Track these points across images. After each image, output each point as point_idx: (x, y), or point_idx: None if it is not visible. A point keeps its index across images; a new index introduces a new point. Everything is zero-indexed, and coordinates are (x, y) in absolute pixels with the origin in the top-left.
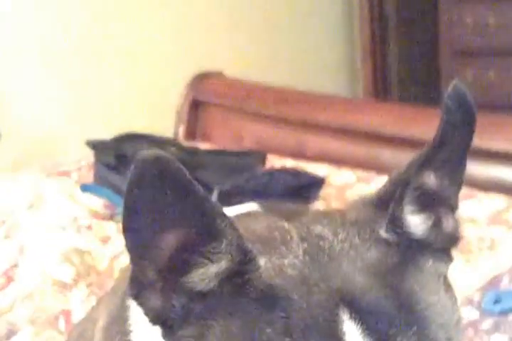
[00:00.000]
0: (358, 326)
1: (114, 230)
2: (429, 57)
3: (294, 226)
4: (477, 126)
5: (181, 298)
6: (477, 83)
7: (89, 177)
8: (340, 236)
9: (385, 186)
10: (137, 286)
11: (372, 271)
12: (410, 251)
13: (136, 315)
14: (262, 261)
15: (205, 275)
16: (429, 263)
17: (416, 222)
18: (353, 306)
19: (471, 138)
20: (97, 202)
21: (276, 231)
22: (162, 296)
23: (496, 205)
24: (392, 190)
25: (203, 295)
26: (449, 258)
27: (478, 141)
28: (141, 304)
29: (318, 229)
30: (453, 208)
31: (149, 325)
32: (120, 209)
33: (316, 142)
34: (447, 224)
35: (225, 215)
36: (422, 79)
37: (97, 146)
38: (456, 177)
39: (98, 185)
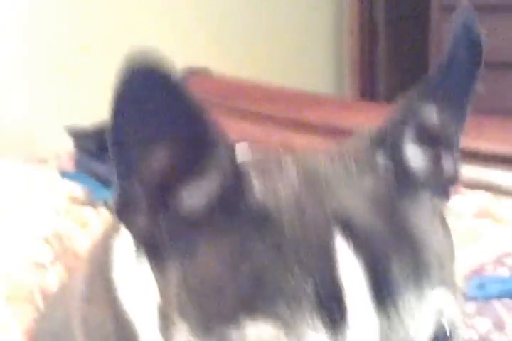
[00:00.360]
0: (351, 245)
1: (94, 216)
2: (419, 57)
3: (289, 155)
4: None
5: (169, 218)
6: None
7: (68, 166)
8: (336, 163)
9: (385, 117)
10: (124, 206)
11: (367, 196)
12: (407, 180)
13: (119, 253)
14: (255, 181)
15: (195, 193)
16: (426, 196)
17: (415, 155)
18: (347, 226)
19: (476, 72)
20: (76, 189)
21: (271, 158)
22: (149, 216)
23: (481, 200)
24: (393, 120)
25: (192, 215)
26: (446, 197)
27: (465, 142)
28: (127, 225)
29: (314, 156)
30: (453, 148)
31: (132, 262)
32: (100, 196)
33: (303, 140)
34: (447, 163)
35: (217, 124)
36: (411, 79)
37: (76, 133)
38: (459, 115)
39: (78, 172)
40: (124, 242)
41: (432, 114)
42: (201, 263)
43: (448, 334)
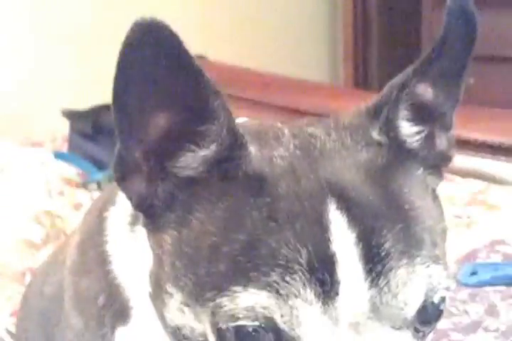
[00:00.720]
0: (344, 216)
1: (87, 198)
2: (411, 47)
3: (287, 126)
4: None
5: (167, 184)
6: None
7: (63, 148)
8: (332, 137)
9: (380, 94)
10: (122, 169)
11: (362, 169)
12: (401, 155)
13: (113, 225)
14: (252, 149)
15: (194, 159)
16: (419, 172)
17: (409, 131)
18: (341, 197)
19: (471, 50)
20: (70, 170)
21: (268, 129)
22: (147, 181)
23: (473, 188)
24: (388, 96)
25: (189, 182)
26: (440, 176)
27: (457, 131)
28: (125, 189)
29: (311, 129)
30: (447, 127)
31: (126, 234)
32: (93, 178)
33: None
34: (440, 142)
35: (218, 94)
36: (403, 69)
37: (72, 116)
38: (453, 93)
39: (73, 154)
40: (119, 215)
41: (426, 91)
42: (197, 229)
43: (438, 308)
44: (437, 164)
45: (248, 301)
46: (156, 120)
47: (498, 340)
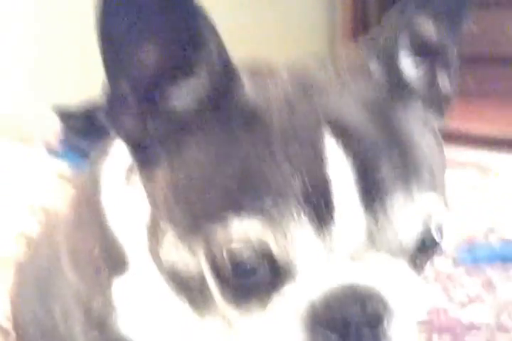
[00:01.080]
0: (340, 144)
1: None
2: None
3: (281, 63)
4: (455, 110)
5: (158, 119)
6: None
7: (54, 145)
8: (329, 71)
9: (379, 26)
10: (112, 105)
11: (358, 99)
12: (400, 90)
13: (108, 178)
14: (245, 80)
15: (185, 92)
16: (419, 107)
17: (409, 64)
18: (336, 124)
19: None
20: (63, 166)
21: (262, 63)
22: (137, 117)
23: (470, 177)
24: (388, 27)
25: (180, 116)
26: (441, 116)
27: (456, 125)
28: (116, 126)
29: (306, 64)
30: (449, 66)
31: (121, 184)
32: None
33: None
34: (441, 80)
35: (207, 18)
36: None
37: (63, 112)
38: (455, 29)
39: (65, 150)
40: (113, 168)
41: (427, 25)
42: (189, 162)
43: (435, 239)
44: (438, 103)
45: (241, 226)
46: (144, 50)
47: (495, 312)
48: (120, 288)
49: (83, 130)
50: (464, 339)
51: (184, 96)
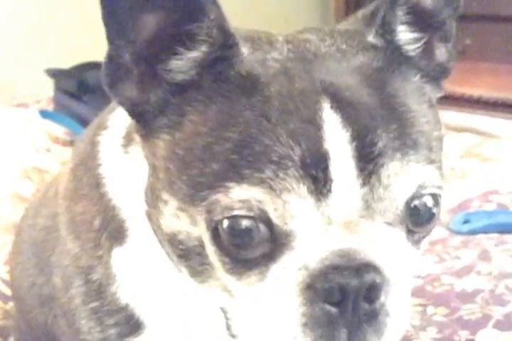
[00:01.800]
0: (338, 114)
1: None
2: None
3: (280, 33)
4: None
5: (158, 89)
6: None
7: (48, 108)
8: (327, 41)
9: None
10: (112, 73)
11: (357, 71)
12: (397, 60)
13: (106, 148)
14: (245, 50)
15: (185, 62)
16: (416, 79)
17: (406, 36)
18: (335, 96)
19: None
20: (56, 128)
21: (261, 34)
22: (139, 87)
23: (467, 142)
24: (385, 1)
25: (181, 85)
26: (438, 87)
27: (452, 87)
28: (115, 94)
29: (305, 35)
30: (447, 38)
31: (119, 155)
32: (79, 136)
33: None
34: (440, 53)
35: None
36: None
37: (56, 74)
38: (452, 1)
39: (58, 112)
40: (111, 138)
41: None
42: (189, 131)
43: (431, 210)
44: (436, 75)
45: (242, 195)
46: (145, 20)
47: (491, 283)
48: (120, 258)
49: (75, 92)
50: (459, 312)
51: (184, 66)
